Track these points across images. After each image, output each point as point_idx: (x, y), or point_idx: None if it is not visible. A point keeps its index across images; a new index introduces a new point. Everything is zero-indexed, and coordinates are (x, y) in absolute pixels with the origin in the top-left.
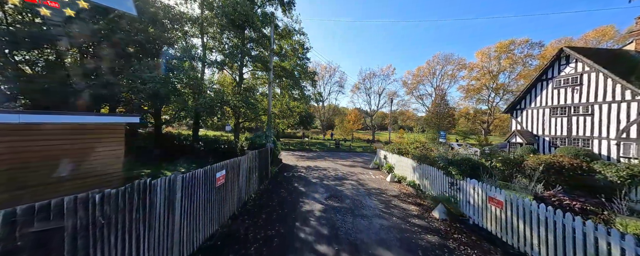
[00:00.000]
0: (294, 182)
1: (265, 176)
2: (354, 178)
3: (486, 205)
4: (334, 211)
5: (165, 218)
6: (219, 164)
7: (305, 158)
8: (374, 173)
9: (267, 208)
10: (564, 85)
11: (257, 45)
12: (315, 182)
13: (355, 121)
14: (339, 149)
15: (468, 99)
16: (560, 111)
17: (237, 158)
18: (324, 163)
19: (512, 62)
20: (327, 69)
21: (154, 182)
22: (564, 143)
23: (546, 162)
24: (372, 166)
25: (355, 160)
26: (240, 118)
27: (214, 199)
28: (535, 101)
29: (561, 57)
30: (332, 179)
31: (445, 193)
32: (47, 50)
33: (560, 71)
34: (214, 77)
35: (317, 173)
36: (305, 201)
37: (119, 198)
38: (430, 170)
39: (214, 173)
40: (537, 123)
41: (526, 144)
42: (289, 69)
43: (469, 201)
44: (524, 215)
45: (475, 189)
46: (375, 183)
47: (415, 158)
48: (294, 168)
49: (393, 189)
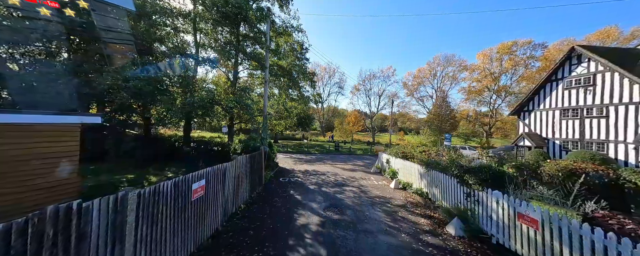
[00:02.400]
0: (289, 189)
1: (258, 183)
2: (355, 184)
3: (514, 223)
4: (334, 225)
5: (106, 253)
6: (196, 174)
7: (304, 161)
8: (376, 178)
9: (257, 221)
10: (576, 86)
11: (253, 42)
12: (313, 189)
13: (355, 122)
14: (338, 151)
15: (469, 101)
16: (571, 113)
17: (221, 165)
18: (323, 166)
19: (515, 63)
20: (327, 69)
21: (86, 205)
22: (576, 146)
23: (567, 168)
24: (374, 170)
25: (355, 164)
26: (235, 119)
27: (190, 216)
28: (544, 102)
29: (572, 57)
30: (332, 185)
31: (460, 205)
32: (25, 46)
33: (572, 71)
34: (208, 76)
35: (316, 178)
36: (301, 213)
37: (14, 236)
38: (441, 177)
39: (188, 184)
40: (546, 126)
41: (535, 148)
42: (287, 68)
43: (490, 217)
44: (571, 240)
45: (499, 203)
46: (378, 190)
47: (422, 164)
48: (291, 172)
49: (398, 198)
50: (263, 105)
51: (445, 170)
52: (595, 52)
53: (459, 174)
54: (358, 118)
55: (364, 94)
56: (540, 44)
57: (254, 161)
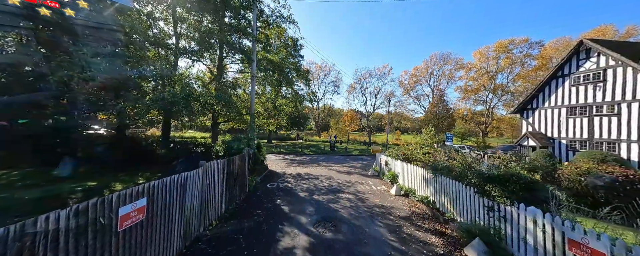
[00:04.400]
0: (276, 197)
1: (239, 191)
2: (351, 189)
3: (563, 251)
4: (325, 248)
5: None
6: (131, 191)
7: (296, 163)
8: (374, 182)
9: (228, 245)
10: (584, 82)
11: (241, 36)
12: (303, 197)
13: (350, 122)
14: (334, 152)
15: (465, 100)
16: (579, 110)
17: (181, 174)
18: (316, 169)
19: (511, 62)
20: (322, 68)
21: None
22: (584, 146)
23: (589, 172)
24: (372, 173)
25: (352, 165)
26: (219, 118)
27: (115, 252)
28: (550, 100)
29: (580, 51)
30: (325, 192)
31: (479, 220)
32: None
33: (579, 66)
34: (191, 71)
35: (308, 183)
36: (286, 231)
37: None
38: (454, 186)
39: (111, 209)
40: (552, 124)
41: (540, 148)
42: (278, 62)
43: (524, 240)
44: None
45: (538, 223)
46: (377, 197)
47: (428, 168)
48: (281, 176)
49: (401, 207)
50: (250, 103)
51: (460, 178)
52: (606, 46)
53: (479, 183)
54: (354, 118)
55: (360, 93)
56: (537, 42)
57: (233, 166)
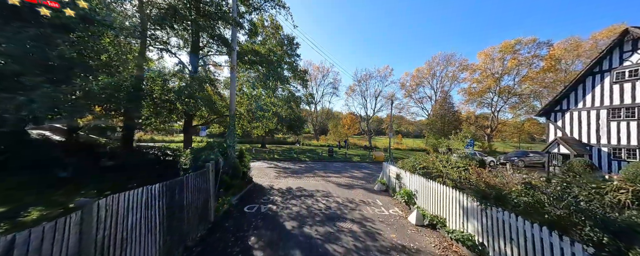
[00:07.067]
0: (250, 232)
1: (197, 225)
2: (356, 214)
3: None
4: None
5: None
6: None
7: (289, 172)
8: (383, 201)
9: None
10: (631, 78)
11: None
12: (289, 230)
13: (350, 125)
14: (333, 158)
15: (469, 103)
16: (625, 112)
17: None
18: (311, 181)
19: (518, 63)
20: (320, 68)
21: None
22: (632, 155)
23: None
24: (378, 187)
25: (353, 175)
26: (194, 120)
27: None
28: (585, 100)
29: (624, 43)
30: (320, 219)
31: None
32: None
33: (623, 61)
34: (164, 63)
35: (298, 203)
36: None
37: None
38: (535, 233)
39: None
40: (588, 129)
41: (575, 157)
42: (265, 53)
43: None
44: None
45: None
46: (392, 229)
47: (472, 194)
48: (267, 192)
49: (431, 251)
50: (230, 101)
51: (551, 220)
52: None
53: (600, 239)
54: (353, 121)
55: (359, 95)
56: (545, 42)
57: (183, 192)
